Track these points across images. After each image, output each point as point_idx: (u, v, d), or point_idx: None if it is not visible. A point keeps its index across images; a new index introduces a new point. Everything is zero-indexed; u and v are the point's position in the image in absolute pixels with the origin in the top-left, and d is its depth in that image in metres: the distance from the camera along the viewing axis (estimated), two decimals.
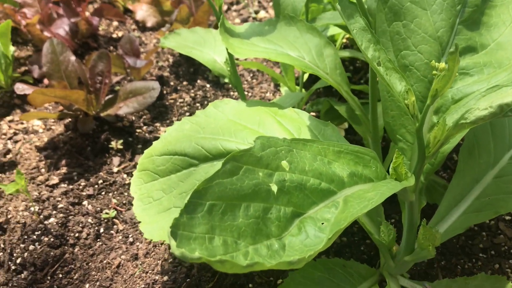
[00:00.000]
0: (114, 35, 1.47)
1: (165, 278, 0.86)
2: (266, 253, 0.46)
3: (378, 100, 0.86)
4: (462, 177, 0.80)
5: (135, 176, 0.77)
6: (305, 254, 0.44)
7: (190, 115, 1.21)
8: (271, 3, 1.67)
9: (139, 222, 0.72)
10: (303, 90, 1.11)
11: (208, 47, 0.97)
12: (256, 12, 1.63)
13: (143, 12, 1.46)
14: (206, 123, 0.79)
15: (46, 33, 1.26)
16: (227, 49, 0.84)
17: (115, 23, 1.52)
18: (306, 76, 1.17)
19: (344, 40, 1.24)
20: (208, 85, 1.30)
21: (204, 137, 0.75)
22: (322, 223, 0.51)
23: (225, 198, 0.47)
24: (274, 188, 0.51)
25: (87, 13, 1.42)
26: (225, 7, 1.63)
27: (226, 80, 0.90)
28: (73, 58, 1.10)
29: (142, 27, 1.50)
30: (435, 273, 0.86)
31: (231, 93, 1.27)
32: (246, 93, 1.25)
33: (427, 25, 0.70)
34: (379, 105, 0.87)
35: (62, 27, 1.27)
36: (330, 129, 0.77)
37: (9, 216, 0.96)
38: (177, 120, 1.16)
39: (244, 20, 1.59)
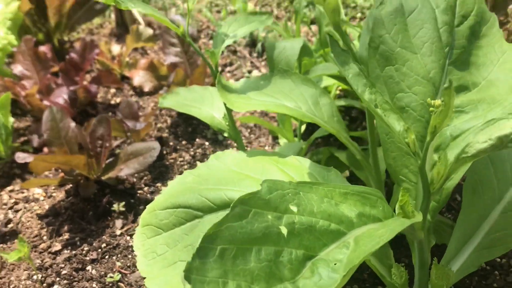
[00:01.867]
0: (112, 102, 1.51)
1: None
2: None
3: (378, 145, 0.87)
4: (469, 215, 0.79)
5: (138, 232, 0.76)
6: None
7: None
8: (263, 63, 1.73)
9: (144, 278, 0.71)
10: (301, 140, 1.12)
11: (206, 104, 0.99)
12: (249, 72, 1.67)
13: (140, 77, 1.50)
14: (208, 174, 0.80)
15: (45, 102, 1.28)
16: (225, 104, 0.86)
17: (113, 90, 1.55)
18: (303, 128, 1.19)
19: (338, 92, 1.28)
20: (207, 143, 1.32)
21: (207, 188, 0.75)
22: (335, 264, 0.50)
23: (236, 241, 0.47)
24: (284, 230, 0.51)
25: (85, 82, 1.46)
26: (219, 69, 1.68)
27: (226, 135, 0.91)
28: (73, 124, 1.12)
29: (139, 92, 1.54)
30: None
31: (230, 149, 1.29)
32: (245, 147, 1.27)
33: (419, 67, 0.73)
34: (379, 149, 0.88)
35: (61, 96, 1.30)
36: (333, 174, 0.78)
37: (11, 286, 0.94)
38: None
39: (238, 80, 1.63)
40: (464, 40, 0.75)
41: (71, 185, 1.17)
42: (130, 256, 1.01)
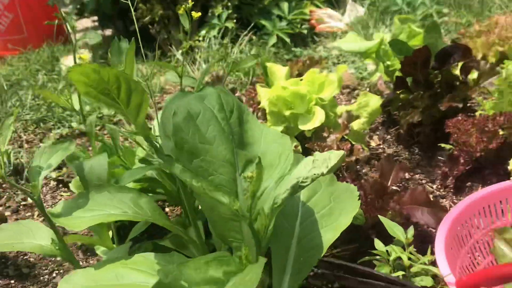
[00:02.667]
0: None
1: None
2: None
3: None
4: (278, 251, 1.04)
5: None
6: None
7: None
8: None
9: None
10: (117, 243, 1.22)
11: (27, 237, 1.00)
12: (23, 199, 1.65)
13: None
14: None
15: None
16: (54, 230, 0.92)
17: None
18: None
19: None
20: (12, 281, 1.27)
21: None
22: None
23: None
24: None
25: None
26: None
27: (59, 258, 0.96)
28: None
29: None
30: None
31: (41, 278, 1.27)
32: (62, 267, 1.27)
33: (217, 154, 0.96)
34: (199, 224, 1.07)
35: None
36: (175, 256, 0.93)
37: None
38: None
39: (15, 211, 1.60)
40: (237, 128, 1.02)
41: None
42: None
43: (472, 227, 1.07)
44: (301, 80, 1.69)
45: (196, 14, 1.08)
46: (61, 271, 1.29)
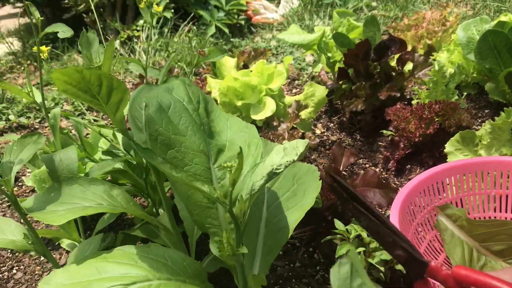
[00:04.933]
0: None
1: None
2: None
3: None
4: (249, 234, 1.10)
5: None
6: None
7: None
8: None
9: None
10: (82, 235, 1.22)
11: None
12: None
13: None
14: None
15: None
16: (28, 224, 0.92)
17: None
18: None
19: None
20: None
21: None
22: None
23: None
24: None
25: None
26: None
27: (33, 253, 0.95)
28: None
29: None
30: None
31: (0, 275, 1.24)
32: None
33: (191, 145, 0.99)
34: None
35: None
36: (153, 247, 0.95)
37: None
38: None
39: None
40: (206, 118, 1.06)
41: None
42: None
43: (416, 206, 1.19)
44: (250, 71, 1.75)
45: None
46: (21, 266, 1.27)
